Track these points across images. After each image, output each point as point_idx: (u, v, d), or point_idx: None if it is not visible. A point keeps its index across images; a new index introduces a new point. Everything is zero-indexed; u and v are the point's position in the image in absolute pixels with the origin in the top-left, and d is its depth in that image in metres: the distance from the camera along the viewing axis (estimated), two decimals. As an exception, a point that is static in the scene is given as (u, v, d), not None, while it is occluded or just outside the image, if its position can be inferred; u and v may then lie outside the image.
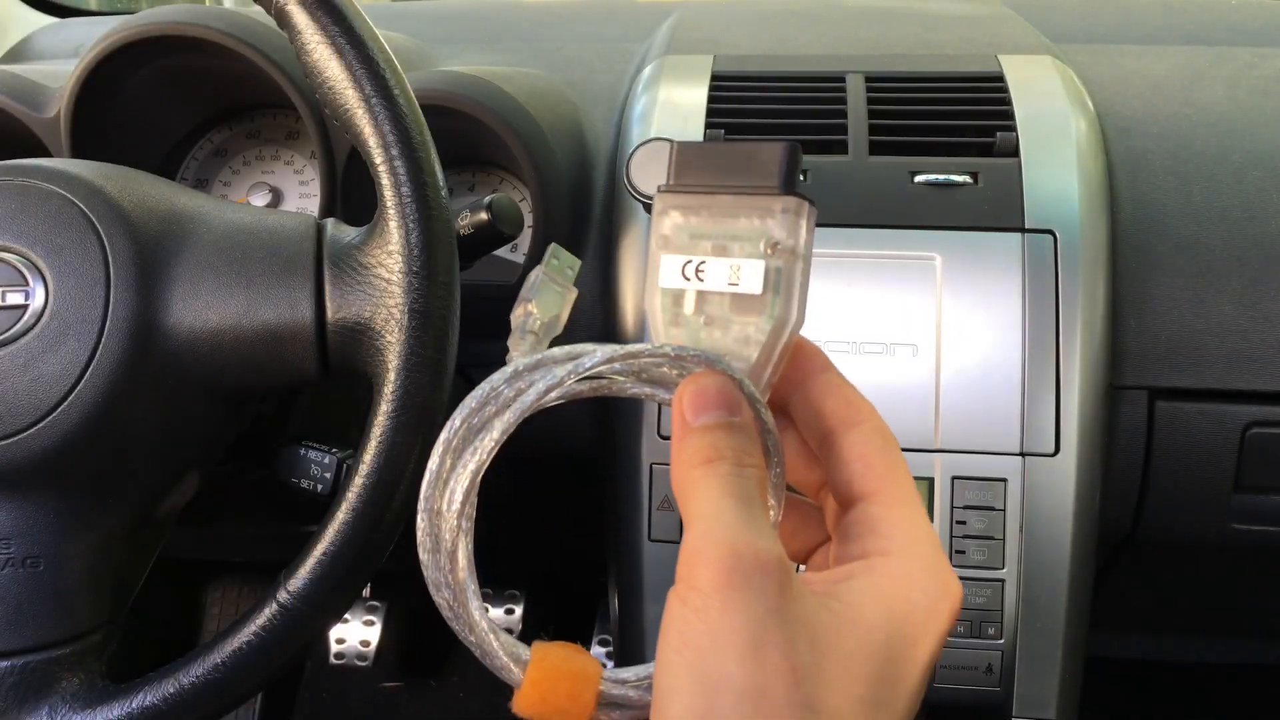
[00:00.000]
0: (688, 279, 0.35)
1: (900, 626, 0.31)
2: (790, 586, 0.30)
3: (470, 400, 0.34)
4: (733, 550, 0.30)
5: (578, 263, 0.42)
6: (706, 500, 0.32)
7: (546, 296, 0.41)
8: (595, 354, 0.34)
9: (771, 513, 0.36)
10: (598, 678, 0.34)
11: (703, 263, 0.35)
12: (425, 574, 0.35)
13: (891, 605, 0.31)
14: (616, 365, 0.35)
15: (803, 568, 0.39)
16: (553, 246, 0.41)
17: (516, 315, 0.40)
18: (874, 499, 0.34)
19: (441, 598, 0.35)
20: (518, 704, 0.34)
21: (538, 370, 0.35)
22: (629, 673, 0.35)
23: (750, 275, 0.34)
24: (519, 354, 0.39)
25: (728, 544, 0.30)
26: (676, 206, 0.35)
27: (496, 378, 0.35)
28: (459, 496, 0.34)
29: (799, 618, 0.30)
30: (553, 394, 0.34)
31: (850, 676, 0.30)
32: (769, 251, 0.34)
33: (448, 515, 0.34)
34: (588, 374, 0.35)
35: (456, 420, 0.34)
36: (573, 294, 0.41)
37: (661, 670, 0.30)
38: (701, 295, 0.35)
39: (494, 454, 0.34)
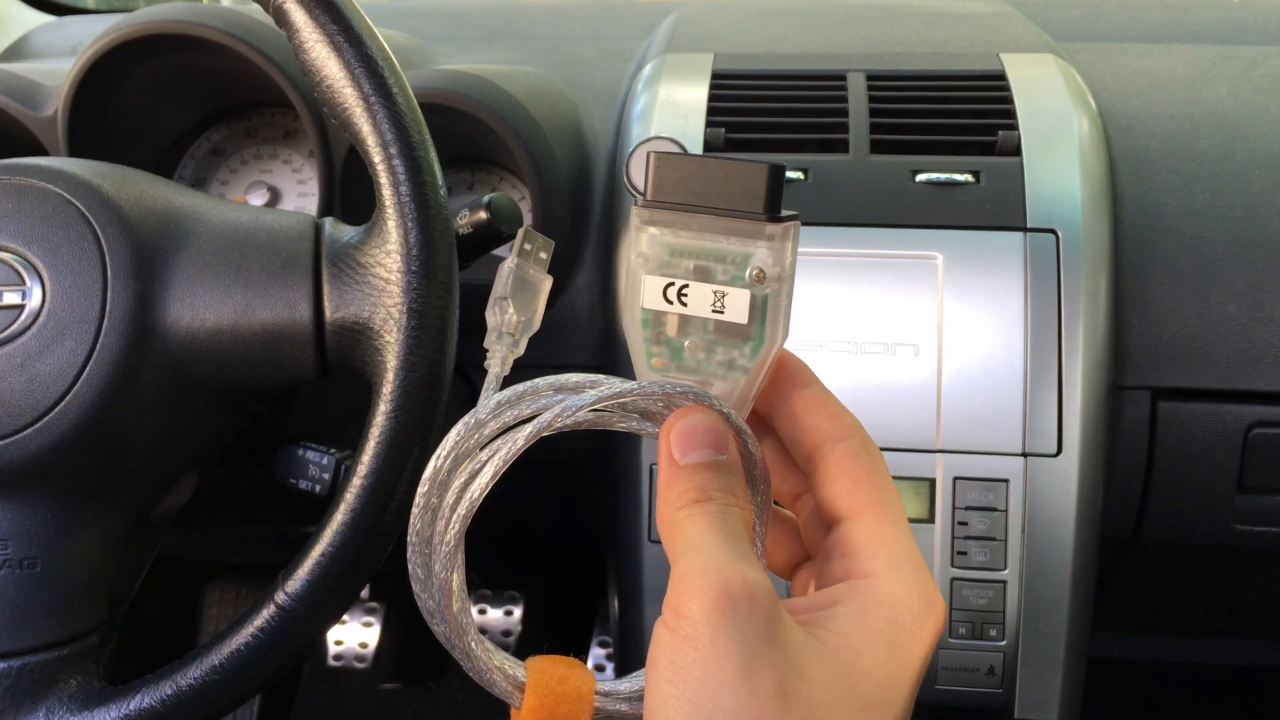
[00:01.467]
0: (669, 301, 0.34)
1: (887, 649, 0.31)
2: (778, 616, 0.30)
3: (453, 435, 0.34)
4: (722, 579, 0.30)
5: (551, 244, 0.41)
6: (695, 534, 0.32)
7: (521, 291, 0.40)
8: (584, 395, 0.34)
9: (758, 543, 0.36)
10: (592, 694, 0.35)
11: (685, 286, 0.34)
12: (419, 604, 0.35)
13: (877, 629, 0.31)
14: (604, 405, 0.35)
15: (786, 584, 0.39)
16: (524, 230, 0.41)
17: (492, 313, 0.40)
18: (858, 517, 0.34)
19: (437, 629, 0.35)
20: None
21: (523, 402, 0.35)
22: (623, 685, 0.36)
23: (736, 305, 0.33)
24: (496, 360, 0.39)
25: (717, 573, 0.30)
26: (655, 222, 0.34)
27: (481, 409, 0.35)
28: (451, 539, 0.34)
29: (788, 645, 0.30)
30: (541, 435, 0.34)
31: (840, 702, 0.30)
32: (755, 278, 0.33)
33: (440, 550, 0.34)
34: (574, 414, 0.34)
35: (443, 452, 0.34)
36: (548, 281, 0.41)
37: (654, 700, 0.30)
38: (684, 318, 0.34)
39: (482, 499, 0.34)
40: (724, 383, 0.35)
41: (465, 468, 0.35)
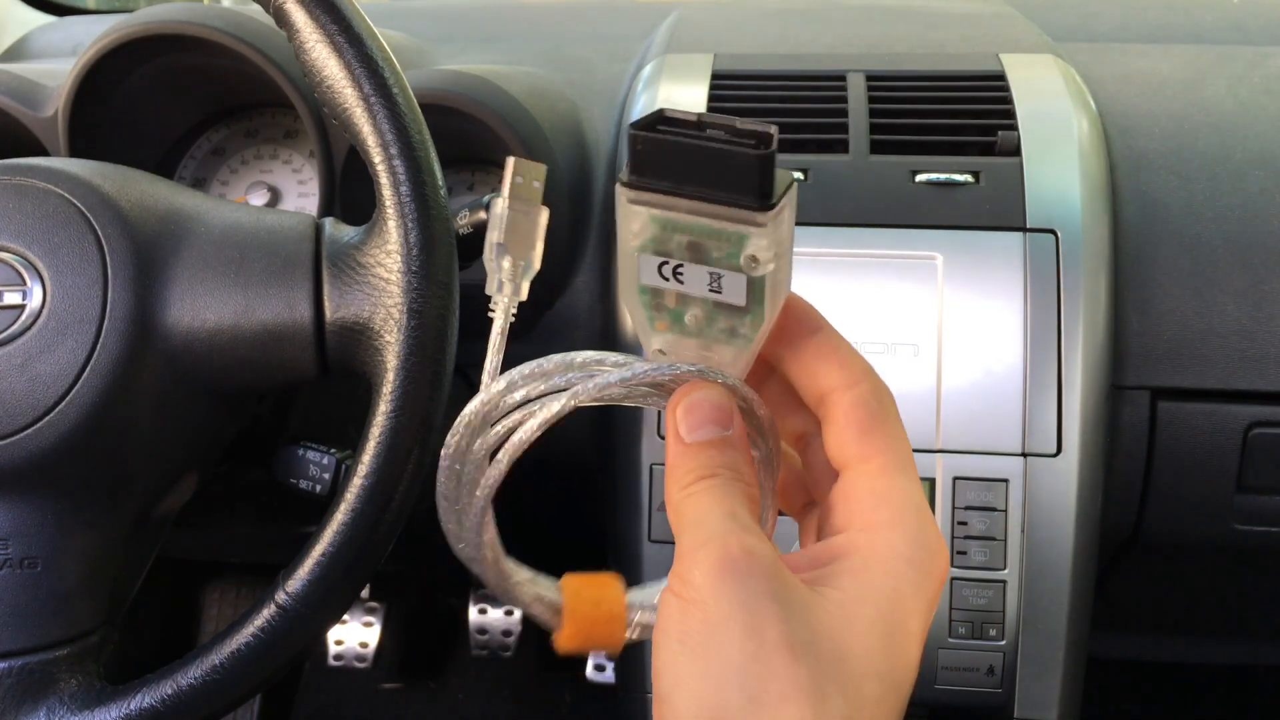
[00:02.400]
0: (665, 279, 0.33)
1: (891, 600, 0.31)
2: (780, 574, 0.31)
3: (474, 404, 0.35)
4: (724, 548, 0.31)
5: (543, 169, 0.39)
6: (698, 511, 0.33)
7: (517, 229, 0.38)
8: (591, 381, 0.35)
9: (765, 516, 0.37)
10: (624, 612, 0.37)
11: (680, 266, 0.33)
12: (453, 546, 0.36)
13: (880, 582, 0.32)
14: (613, 389, 0.35)
15: (796, 546, 0.39)
16: (512, 161, 0.39)
17: (488, 257, 0.38)
18: (863, 466, 0.34)
19: (469, 559, 0.37)
20: (559, 648, 0.37)
21: (536, 380, 0.35)
22: (650, 590, 0.38)
23: (733, 288, 0.33)
24: (500, 311, 0.38)
25: (720, 543, 0.31)
26: (643, 201, 0.32)
27: (495, 387, 0.35)
28: (481, 499, 0.36)
29: (792, 601, 0.30)
30: (552, 420, 0.35)
31: (848, 654, 0.30)
32: (751, 263, 0.32)
33: (472, 506, 0.36)
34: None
35: (459, 427, 0.35)
36: (544, 214, 0.39)
37: (662, 664, 0.31)
38: (682, 295, 0.34)
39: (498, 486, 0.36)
40: (728, 348, 0.34)
41: (482, 441, 0.36)
